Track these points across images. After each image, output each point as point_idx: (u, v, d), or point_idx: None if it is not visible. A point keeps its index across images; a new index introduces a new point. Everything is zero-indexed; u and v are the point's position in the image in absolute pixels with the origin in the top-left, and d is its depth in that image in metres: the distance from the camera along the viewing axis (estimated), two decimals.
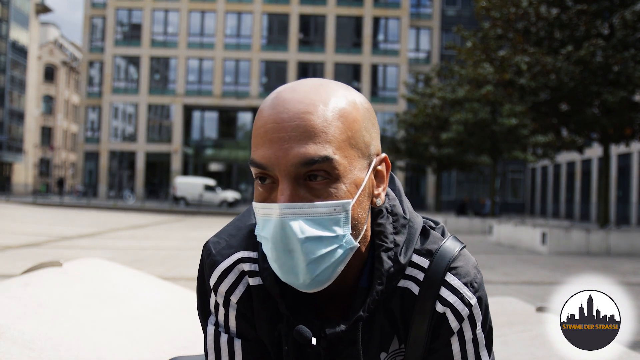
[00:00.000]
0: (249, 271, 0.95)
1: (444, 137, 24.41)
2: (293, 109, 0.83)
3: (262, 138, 0.84)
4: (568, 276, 8.49)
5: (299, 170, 0.82)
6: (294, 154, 0.81)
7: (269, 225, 0.84)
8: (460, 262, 0.96)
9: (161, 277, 5.09)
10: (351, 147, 0.85)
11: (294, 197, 0.82)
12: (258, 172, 0.85)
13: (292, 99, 0.84)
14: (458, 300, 0.93)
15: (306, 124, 0.82)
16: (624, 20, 12.76)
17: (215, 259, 0.97)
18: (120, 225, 17.50)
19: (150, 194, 40.92)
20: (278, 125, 0.82)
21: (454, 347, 0.95)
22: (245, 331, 0.97)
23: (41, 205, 30.17)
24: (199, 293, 1.01)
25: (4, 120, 52.54)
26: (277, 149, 0.82)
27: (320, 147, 0.82)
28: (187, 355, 1.29)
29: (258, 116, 0.87)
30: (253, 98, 40.75)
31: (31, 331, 1.70)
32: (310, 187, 0.83)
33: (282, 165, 0.82)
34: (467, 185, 41.91)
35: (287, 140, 0.82)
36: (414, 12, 43.08)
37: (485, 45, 15.37)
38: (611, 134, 14.04)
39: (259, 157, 0.84)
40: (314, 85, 0.87)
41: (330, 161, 0.82)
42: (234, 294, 0.96)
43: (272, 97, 0.87)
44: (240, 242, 0.98)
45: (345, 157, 0.84)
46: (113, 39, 41.32)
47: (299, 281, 0.84)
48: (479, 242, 15.56)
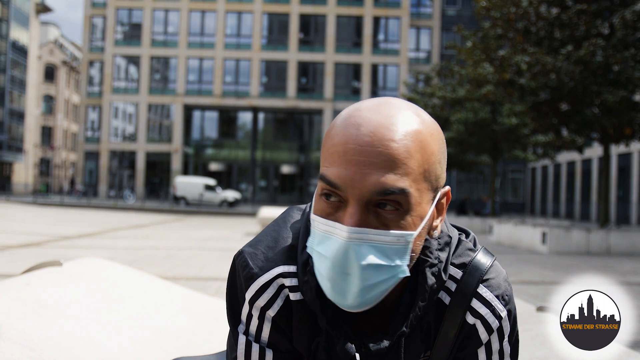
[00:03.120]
0: (290, 286, 0.95)
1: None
2: (378, 134, 0.81)
3: (340, 157, 0.82)
4: (568, 276, 8.49)
5: (373, 198, 0.81)
6: (373, 181, 0.80)
7: (329, 244, 0.83)
8: (492, 274, 0.97)
9: (161, 277, 5.09)
10: (424, 180, 0.85)
11: (362, 222, 0.82)
12: (327, 189, 0.84)
13: (377, 122, 0.82)
14: (489, 313, 0.95)
15: (389, 152, 0.81)
16: (624, 20, 12.75)
17: (253, 272, 0.95)
18: (120, 225, 17.50)
19: (150, 194, 40.93)
20: (360, 148, 0.81)
21: (481, 357, 0.96)
22: (278, 342, 0.97)
23: (41, 205, 30.18)
24: (229, 301, 1.00)
25: (4, 120, 52.55)
26: (355, 172, 0.80)
27: (399, 178, 0.81)
28: (188, 356, 1.29)
29: (336, 131, 0.85)
30: (253, 98, 40.75)
31: (31, 331, 1.70)
32: (378, 214, 0.83)
33: (357, 189, 0.81)
34: (467, 185, 41.92)
35: (367, 166, 0.80)
36: (414, 12, 43.08)
37: (486, 45, 15.36)
38: (611, 134, 14.04)
39: (334, 176, 0.82)
40: (396, 109, 0.86)
41: (405, 194, 0.82)
42: (272, 308, 0.95)
43: (351, 114, 0.85)
44: (279, 256, 0.96)
45: (418, 190, 0.84)
46: (113, 38, 41.32)
47: (346, 302, 0.84)
48: (479, 241, 15.54)
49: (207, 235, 14.52)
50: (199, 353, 1.77)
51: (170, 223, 20.00)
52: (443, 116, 26.52)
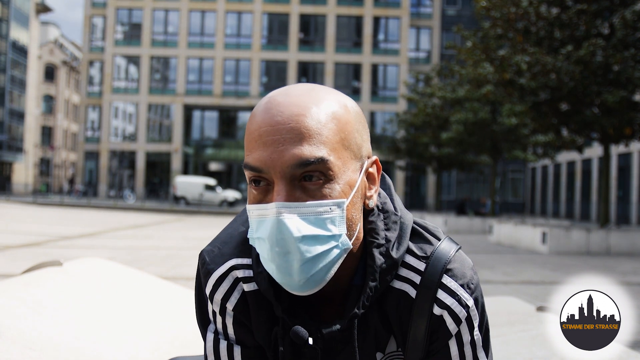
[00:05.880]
0: (243, 277, 0.96)
1: (444, 137, 24.41)
2: (287, 112, 0.84)
3: (256, 141, 0.85)
4: (568, 276, 8.49)
5: (294, 172, 0.83)
6: (289, 156, 0.82)
7: (264, 226, 0.84)
8: (456, 263, 0.96)
9: (161, 276, 5.09)
10: (344, 149, 0.87)
11: (290, 197, 0.83)
12: (253, 175, 0.86)
13: (286, 102, 0.85)
14: (455, 302, 0.94)
15: (300, 126, 0.83)
16: (624, 20, 12.75)
17: (209, 268, 0.98)
18: (120, 224, 17.50)
19: (150, 194, 40.94)
20: (272, 128, 0.83)
21: (452, 349, 0.95)
22: (244, 338, 0.98)
23: (41, 204, 30.18)
24: (197, 302, 1.02)
25: (4, 120, 52.54)
26: (272, 151, 0.83)
27: (315, 148, 0.83)
28: (187, 356, 1.29)
29: (251, 120, 0.88)
30: (253, 98, 40.75)
31: (31, 331, 1.71)
32: (305, 188, 0.84)
33: (278, 166, 0.83)
34: (467, 185, 41.92)
35: (282, 142, 0.83)
36: (414, 12, 43.08)
37: (485, 45, 15.36)
38: (611, 134, 14.04)
39: (254, 160, 0.84)
40: (306, 89, 0.89)
41: (325, 162, 0.83)
42: (230, 301, 0.96)
43: (264, 102, 0.88)
44: (232, 250, 0.99)
45: (339, 159, 0.86)
46: (113, 38, 41.32)
47: (294, 282, 0.84)
48: (479, 241, 15.56)
49: (207, 235, 14.52)
50: (198, 353, 1.77)
51: (170, 223, 20.00)
52: (443, 116, 26.53)
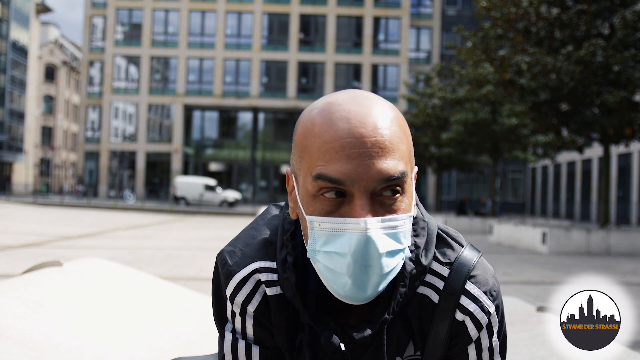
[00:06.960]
0: (266, 281, 0.96)
1: (444, 137, 24.41)
2: (370, 125, 0.82)
3: (337, 152, 0.82)
4: (568, 276, 8.49)
5: (377, 186, 0.82)
6: (376, 170, 0.81)
7: (343, 240, 0.83)
8: (479, 270, 0.98)
9: (161, 277, 5.09)
10: (410, 162, 0.88)
11: (374, 212, 0.83)
12: (329, 186, 0.83)
13: (363, 113, 0.84)
14: (478, 309, 0.95)
15: (384, 140, 0.82)
16: (625, 20, 12.74)
17: (231, 269, 0.97)
18: (120, 225, 17.50)
19: (150, 194, 40.93)
20: (358, 141, 0.81)
21: (471, 354, 0.96)
22: (263, 339, 0.98)
23: (41, 205, 30.17)
24: (214, 300, 1.02)
25: (4, 120, 52.55)
26: (357, 165, 0.81)
27: (397, 163, 0.83)
28: (188, 356, 1.28)
29: (323, 128, 0.84)
30: (253, 98, 40.75)
31: (31, 331, 1.71)
32: (382, 202, 0.84)
33: (364, 181, 0.81)
34: (467, 185, 41.91)
35: (367, 156, 0.81)
36: (415, 12, 43.07)
37: (486, 45, 15.36)
38: (611, 134, 14.04)
39: (335, 172, 0.81)
40: (372, 99, 0.88)
41: (404, 177, 0.84)
42: (251, 303, 0.96)
43: (332, 109, 0.85)
44: (255, 252, 0.98)
45: (410, 171, 0.87)
46: (113, 38, 41.32)
47: (364, 295, 0.85)
48: (479, 242, 15.55)
49: (207, 236, 14.52)
50: (198, 353, 1.77)
51: (170, 223, 20.00)
52: (443, 116, 26.52)
